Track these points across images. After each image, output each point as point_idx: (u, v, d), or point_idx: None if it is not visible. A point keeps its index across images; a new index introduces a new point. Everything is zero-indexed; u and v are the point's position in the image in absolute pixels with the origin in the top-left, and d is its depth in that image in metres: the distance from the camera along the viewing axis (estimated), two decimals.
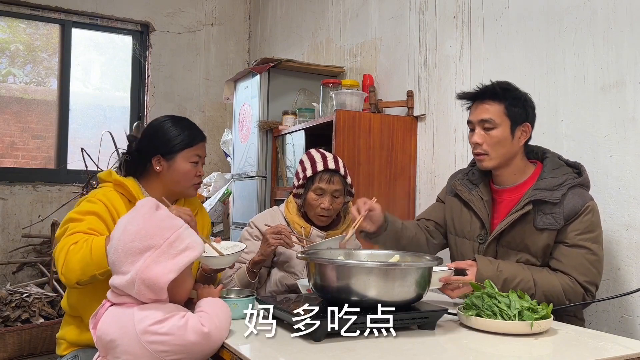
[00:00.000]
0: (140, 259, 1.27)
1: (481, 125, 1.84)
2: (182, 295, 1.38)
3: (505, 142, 1.82)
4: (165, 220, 1.35)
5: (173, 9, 4.83)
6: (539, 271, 1.74)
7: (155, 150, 1.81)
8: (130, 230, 1.31)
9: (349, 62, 3.56)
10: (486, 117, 1.83)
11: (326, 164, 2.03)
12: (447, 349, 1.30)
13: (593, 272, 1.72)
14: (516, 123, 1.83)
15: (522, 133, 1.84)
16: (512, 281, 1.68)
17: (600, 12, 2.06)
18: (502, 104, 1.82)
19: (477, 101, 1.88)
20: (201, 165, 1.87)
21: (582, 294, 1.71)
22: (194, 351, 1.27)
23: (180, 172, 1.80)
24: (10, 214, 4.22)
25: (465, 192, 1.95)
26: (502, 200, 1.88)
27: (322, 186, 2.01)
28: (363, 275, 1.36)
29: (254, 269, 1.96)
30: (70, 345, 1.72)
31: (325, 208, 2.01)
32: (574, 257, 1.72)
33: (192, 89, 4.89)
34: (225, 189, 4.24)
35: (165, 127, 1.83)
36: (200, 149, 1.86)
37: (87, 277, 1.53)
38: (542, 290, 1.68)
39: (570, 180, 1.78)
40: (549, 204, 1.75)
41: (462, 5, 2.69)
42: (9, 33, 4.48)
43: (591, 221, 1.74)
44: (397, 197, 2.86)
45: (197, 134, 1.87)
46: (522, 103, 1.85)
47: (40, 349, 3.32)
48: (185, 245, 1.32)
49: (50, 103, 4.55)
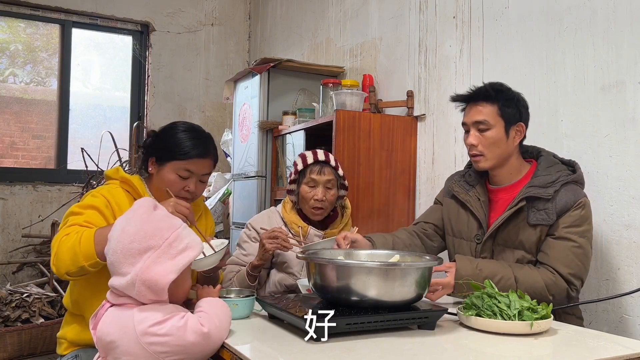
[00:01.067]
0: (140, 260, 1.27)
1: (476, 127, 1.86)
2: (180, 295, 1.38)
3: (500, 143, 1.84)
4: (163, 220, 1.35)
5: (173, 9, 4.83)
6: (520, 268, 1.74)
7: (153, 152, 1.81)
8: (129, 231, 1.30)
9: (349, 62, 3.56)
10: (480, 118, 1.84)
11: (316, 157, 2.08)
12: (447, 349, 1.30)
13: (578, 265, 1.72)
14: (510, 123, 1.84)
15: (516, 133, 1.86)
16: (492, 279, 1.67)
17: (600, 12, 2.06)
18: (496, 104, 1.84)
19: (471, 103, 1.90)
20: (195, 182, 1.77)
21: (566, 289, 1.70)
22: (193, 351, 1.27)
23: (165, 181, 1.76)
24: (10, 214, 4.22)
25: (462, 193, 1.97)
26: (498, 199, 1.90)
27: (314, 177, 2.04)
28: (363, 275, 1.36)
29: (253, 272, 1.96)
30: (71, 344, 1.72)
31: (318, 199, 2.02)
32: (559, 249, 1.73)
33: (192, 89, 4.89)
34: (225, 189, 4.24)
35: (171, 133, 1.81)
36: (194, 165, 1.76)
37: (75, 267, 1.53)
38: (524, 287, 1.68)
39: (564, 177, 1.79)
40: (542, 200, 1.77)
41: (462, 5, 2.69)
42: (9, 33, 4.48)
43: (580, 216, 1.75)
44: (397, 197, 2.86)
45: (197, 150, 1.77)
46: (515, 103, 1.86)
47: (40, 349, 3.32)
48: (184, 244, 1.32)
49: (50, 103, 4.55)
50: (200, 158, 1.77)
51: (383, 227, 2.76)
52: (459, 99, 1.94)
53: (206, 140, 1.83)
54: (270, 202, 3.46)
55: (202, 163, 1.78)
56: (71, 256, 1.53)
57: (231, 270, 2.05)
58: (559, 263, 1.72)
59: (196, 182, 1.78)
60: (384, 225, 2.79)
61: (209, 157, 1.81)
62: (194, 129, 1.84)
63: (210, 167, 1.82)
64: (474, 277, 1.67)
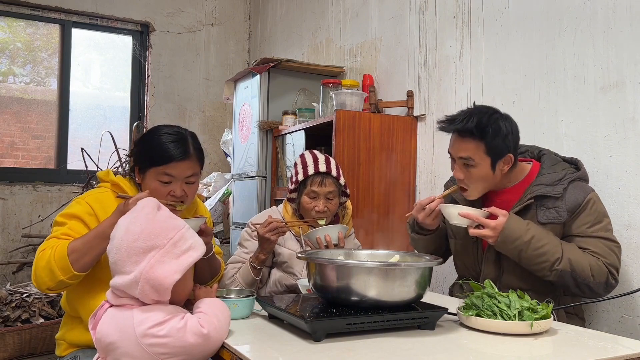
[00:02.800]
0: (144, 259, 1.27)
1: (461, 162, 1.81)
2: (182, 296, 1.38)
3: (487, 177, 1.80)
4: (167, 220, 1.35)
5: (173, 9, 4.83)
6: (567, 243, 1.73)
7: (136, 160, 1.76)
8: (134, 230, 1.30)
9: (349, 62, 3.56)
10: (465, 155, 1.78)
11: (317, 167, 2.02)
12: (447, 349, 1.30)
13: (613, 256, 1.73)
14: (498, 157, 1.77)
15: (504, 164, 1.80)
16: (538, 240, 1.67)
17: (600, 12, 2.06)
18: (482, 142, 1.75)
19: (456, 135, 1.82)
20: (179, 186, 1.69)
21: (607, 273, 1.70)
22: (193, 353, 1.27)
23: (150, 190, 1.68)
24: (10, 214, 4.23)
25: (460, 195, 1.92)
26: (502, 201, 1.87)
27: (315, 189, 2.02)
28: (363, 275, 1.36)
29: (259, 266, 1.96)
30: (70, 346, 1.71)
31: (320, 211, 2.02)
32: (593, 244, 1.73)
33: (192, 89, 4.90)
34: (225, 189, 4.24)
35: (148, 139, 1.74)
36: (174, 169, 1.67)
37: (54, 283, 1.54)
38: (569, 257, 1.67)
39: (570, 175, 1.79)
40: (551, 198, 1.76)
41: (462, 5, 2.69)
42: (9, 33, 4.48)
43: (597, 212, 1.76)
44: (397, 197, 2.86)
45: (175, 152, 1.67)
46: (503, 137, 1.75)
47: (40, 349, 3.32)
48: (188, 245, 1.33)
49: (50, 103, 4.55)
50: (179, 161, 1.67)
51: (383, 227, 2.76)
52: (443, 129, 1.85)
53: (184, 141, 1.71)
54: (270, 202, 3.46)
55: (182, 166, 1.68)
56: (47, 273, 1.54)
57: (233, 268, 2.05)
58: (599, 255, 1.71)
59: (181, 185, 1.69)
60: (384, 225, 2.79)
61: (188, 158, 1.70)
62: (171, 132, 1.73)
63: (193, 168, 1.72)
64: (522, 231, 1.66)
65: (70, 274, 1.53)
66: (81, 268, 1.54)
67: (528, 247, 1.67)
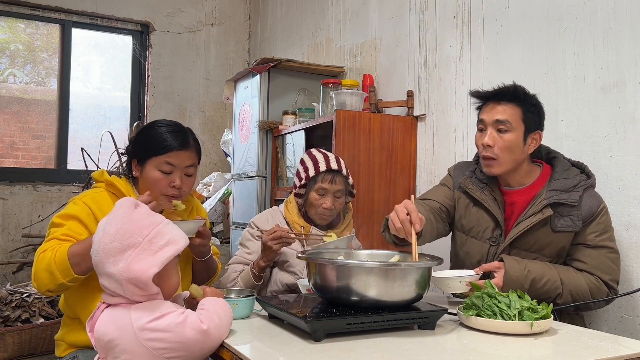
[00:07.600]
0: (122, 259, 1.26)
1: (495, 127, 1.79)
2: (168, 290, 1.36)
3: (516, 149, 1.79)
4: (143, 218, 1.33)
5: (173, 9, 4.83)
6: (566, 270, 1.74)
7: (133, 154, 1.78)
8: (109, 231, 1.30)
9: (349, 62, 3.56)
10: (502, 117, 1.78)
11: (329, 165, 2.04)
12: (447, 349, 1.30)
13: (615, 269, 1.75)
14: (530, 130, 1.79)
15: (532, 140, 1.81)
16: (539, 281, 1.68)
17: (600, 12, 2.06)
18: (521, 108, 1.78)
19: (493, 101, 1.82)
20: (180, 176, 1.72)
21: (607, 292, 1.73)
22: (192, 348, 1.26)
23: (149, 180, 1.71)
24: (10, 214, 4.22)
25: (477, 190, 1.89)
26: (513, 201, 1.85)
27: (325, 186, 2.02)
28: (363, 275, 1.36)
29: (260, 273, 1.97)
30: (69, 346, 1.71)
31: (327, 208, 2.02)
32: (596, 257, 1.74)
33: (192, 89, 4.90)
34: (225, 189, 4.24)
35: (148, 131, 1.77)
36: (175, 158, 1.71)
37: (54, 285, 1.55)
38: (569, 290, 1.70)
39: (584, 182, 1.78)
40: (566, 206, 1.75)
41: (462, 5, 2.69)
42: (9, 33, 4.48)
43: (607, 222, 1.78)
44: (397, 197, 2.86)
45: (175, 141, 1.71)
46: (538, 110, 1.81)
47: (40, 349, 3.32)
48: (166, 240, 1.31)
49: (50, 103, 4.55)
50: (180, 150, 1.71)
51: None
52: (480, 95, 1.86)
53: (185, 132, 1.76)
54: (270, 202, 3.46)
55: (183, 155, 1.72)
56: (48, 275, 1.54)
57: (235, 269, 2.05)
58: (599, 271, 1.73)
59: (181, 175, 1.72)
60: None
61: (189, 148, 1.74)
62: (170, 124, 1.77)
63: (193, 159, 1.75)
64: (523, 279, 1.67)
65: (71, 277, 1.53)
66: (82, 271, 1.54)
67: (529, 289, 1.67)
